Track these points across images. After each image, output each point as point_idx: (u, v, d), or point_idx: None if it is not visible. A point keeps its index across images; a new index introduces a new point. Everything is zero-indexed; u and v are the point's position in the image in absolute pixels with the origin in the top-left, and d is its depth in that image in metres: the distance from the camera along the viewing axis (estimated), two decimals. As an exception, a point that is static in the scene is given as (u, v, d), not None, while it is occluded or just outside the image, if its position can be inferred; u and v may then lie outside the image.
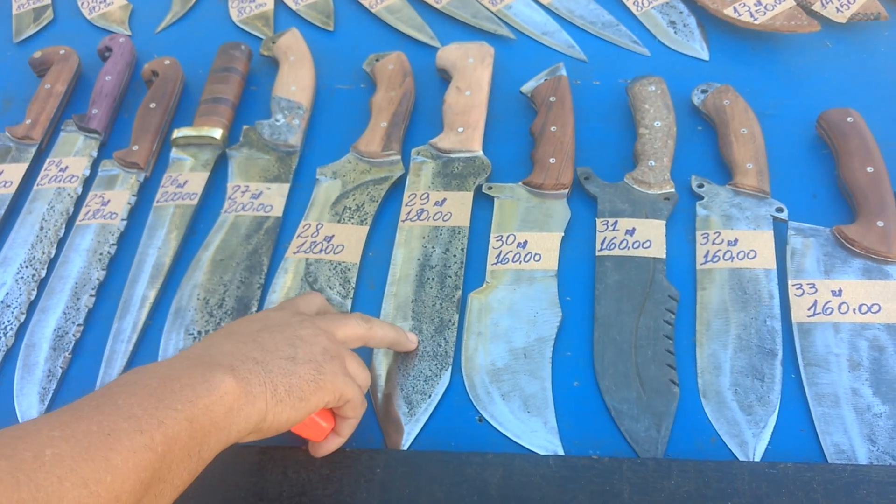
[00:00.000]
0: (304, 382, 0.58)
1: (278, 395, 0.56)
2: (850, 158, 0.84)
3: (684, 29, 1.04)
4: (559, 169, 0.86)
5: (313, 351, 0.60)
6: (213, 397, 0.53)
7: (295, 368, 0.58)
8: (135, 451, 0.48)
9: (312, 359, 0.60)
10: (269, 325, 0.62)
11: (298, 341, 0.60)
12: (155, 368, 0.54)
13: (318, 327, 0.63)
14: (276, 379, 0.57)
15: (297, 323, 0.63)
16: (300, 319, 0.63)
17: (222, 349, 0.58)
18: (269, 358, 0.58)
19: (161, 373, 0.53)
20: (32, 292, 0.85)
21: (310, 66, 1.02)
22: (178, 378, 0.53)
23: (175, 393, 0.51)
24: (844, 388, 0.70)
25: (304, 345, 0.60)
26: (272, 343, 0.59)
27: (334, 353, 0.62)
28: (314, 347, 0.61)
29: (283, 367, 0.58)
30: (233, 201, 0.89)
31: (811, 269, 0.78)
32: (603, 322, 0.77)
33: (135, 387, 0.51)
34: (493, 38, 1.06)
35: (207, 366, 0.55)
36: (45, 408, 0.76)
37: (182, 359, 0.56)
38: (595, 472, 0.65)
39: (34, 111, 1.00)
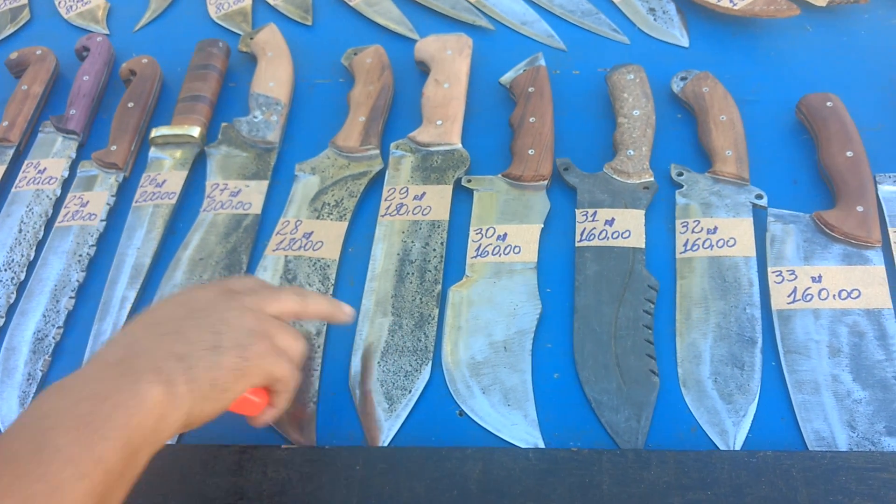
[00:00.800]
0: (228, 372, 0.57)
1: (202, 391, 0.55)
2: (830, 143, 0.84)
3: (664, 16, 1.04)
4: (538, 160, 0.86)
5: (238, 335, 0.58)
6: (144, 412, 0.51)
7: (219, 359, 0.56)
8: (78, 499, 0.47)
9: (237, 343, 0.58)
10: (194, 309, 0.60)
11: (223, 326, 0.58)
12: (82, 385, 0.52)
13: (245, 306, 0.61)
14: (200, 374, 0.55)
15: (223, 304, 0.61)
16: (227, 299, 0.61)
17: (144, 345, 0.56)
18: (192, 350, 0.56)
19: (90, 391, 0.51)
20: (11, 296, 0.84)
21: (288, 61, 1.02)
22: (107, 397, 0.51)
23: (108, 417, 0.50)
24: (824, 375, 0.70)
25: (229, 329, 0.58)
26: (195, 332, 0.57)
27: (261, 332, 0.60)
28: (239, 331, 0.59)
29: (206, 359, 0.56)
30: (212, 199, 0.89)
31: (791, 256, 0.78)
32: (583, 313, 0.76)
33: (67, 416, 0.49)
34: (471, 29, 1.05)
35: (134, 375, 0.53)
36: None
37: (105, 365, 0.54)
38: (575, 464, 0.65)
39: (11, 113, 0.99)
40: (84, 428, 0.49)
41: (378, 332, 0.77)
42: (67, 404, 0.50)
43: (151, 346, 0.56)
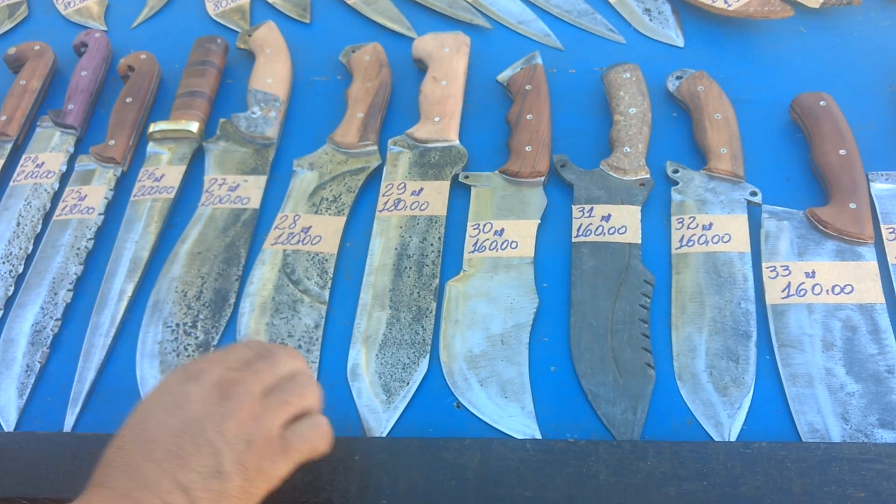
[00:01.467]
0: (234, 499, 0.54)
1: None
2: (823, 142, 0.85)
3: (659, 16, 1.05)
4: (535, 157, 0.86)
5: (239, 451, 0.55)
6: None
7: (223, 487, 0.53)
8: None
9: (239, 462, 0.55)
10: (188, 419, 0.55)
11: (221, 443, 0.54)
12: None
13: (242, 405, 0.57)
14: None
15: (216, 413, 0.56)
16: (221, 400, 0.57)
17: (146, 475, 0.53)
18: (195, 480, 0.53)
19: None
20: (10, 288, 0.84)
21: (286, 58, 1.02)
22: None
23: None
24: (818, 368, 0.71)
25: (228, 447, 0.55)
26: (194, 455, 0.54)
27: (263, 439, 0.56)
28: (239, 444, 0.55)
29: (210, 488, 0.53)
30: (210, 194, 0.89)
31: (785, 252, 0.79)
32: (579, 307, 0.77)
33: None
34: (469, 27, 1.06)
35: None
36: (23, 403, 0.76)
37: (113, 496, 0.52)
38: (572, 454, 0.66)
39: (9, 107, 0.99)
40: None
41: (376, 326, 0.78)
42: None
43: (153, 475, 0.53)
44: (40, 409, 0.77)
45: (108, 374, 0.78)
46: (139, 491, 0.52)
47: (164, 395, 0.58)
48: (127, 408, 0.74)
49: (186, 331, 0.79)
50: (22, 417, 0.76)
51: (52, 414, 0.76)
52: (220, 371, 0.59)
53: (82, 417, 0.76)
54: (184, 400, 0.57)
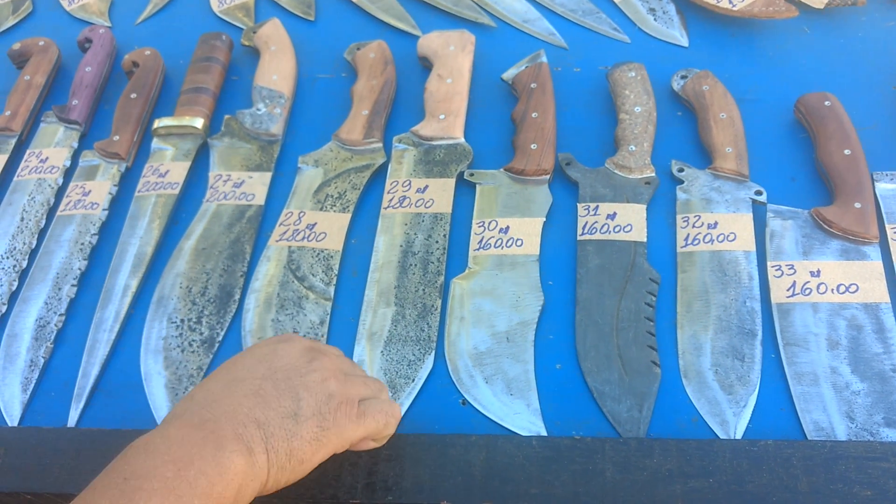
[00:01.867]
0: (305, 443, 0.56)
1: (279, 461, 0.55)
2: (828, 141, 0.85)
3: (664, 16, 1.05)
4: (541, 155, 0.86)
5: (318, 401, 0.58)
6: (225, 482, 0.52)
7: (297, 429, 0.56)
8: None
9: (317, 411, 0.57)
10: (275, 367, 0.59)
11: (303, 391, 0.58)
12: (166, 447, 0.52)
13: (327, 367, 0.60)
14: (278, 444, 0.55)
15: (304, 367, 0.60)
16: (308, 360, 0.60)
17: (225, 408, 0.55)
18: (271, 417, 0.55)
19: (174, 454, 0.51)
20: (14, 283, 0.84)
21: (291, 55, 1.02)
22: (190, 463, 0.51)
23: (191, 485, 0.50)
24: (823, 367, 0.71)
25: (309, 395, 0.58)
26: (275, 397, 0.57)
27: (343, 396, 0.59)
28: (320, 396, 0.58)
29: (284, 427, 0.55)
30: (215, 190, 0.89)
31: (790, 251, 0.79)
32: (585, 305, 0.77)
33: (152, 480, 0.50)
34: (473, 25, 1.06)
35: (216, 442, 0.53)
36: (27, 398, 0.76)
37: (188, 427, 0.54)
38: (578, 451, 0.66)
39: (14, 102, 0.99)
40: (168, 494, 0.49)
41: (381, 322, 0.78)
42: (152, 466, 0.51)
43: (232, 408, 0.55)
44: (44, 404, 0.77)
45: (112, 369, 0.78)
46: (215, 422, 0.54)
47: (254, 350, 0.62)
48: (131, 403, 0.75)
49: (191, 327, 0.79)
50: (26, 412, 0.76)
51: (55, 409, 0.76)
52: (310, 342, 0.64)
53: (86, 413, 0.76)
54: (273, 354, 0.60)
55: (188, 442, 0.52)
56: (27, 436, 0.71)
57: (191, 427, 0.54)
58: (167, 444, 0.52)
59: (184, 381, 0.75)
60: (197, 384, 0.59)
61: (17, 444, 0.71)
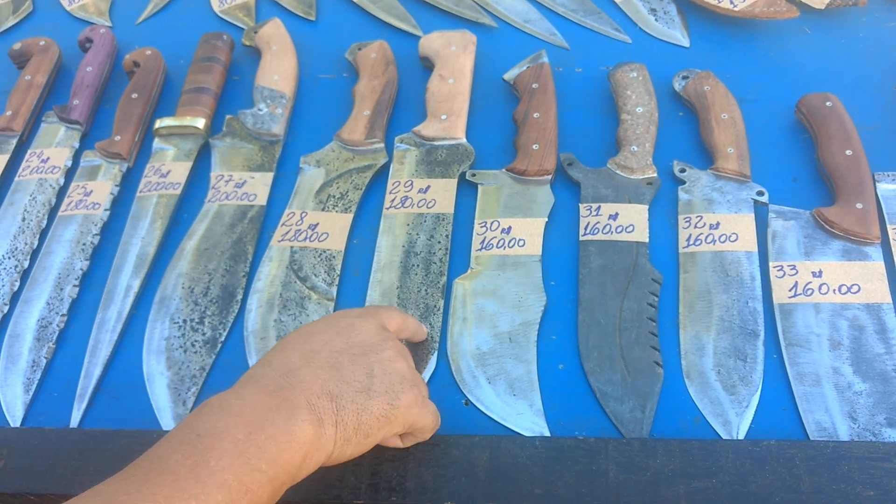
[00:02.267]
0: (374, 419, 0.57)
1: (347, 434, 0.56)
2: (830, 142, 0.85)
3: (665, 16, 1.05)
4: (542, 155, 0.87)
5: (391, 380, 0.59)
6: (293, 450, 0.53)
7: (368, 404, 0.57)
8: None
9: (389, 388, 0.59)
10: (352, 342, 0.60)
11: (377, 367, 0.59)
12: (240, 409, 0.53)
13: (399, 350, 0.62)
14: (348, 417, 0.56)
15: (379, 344, 0.61)
16: (383, 338, 0.62)
17: (301, 377, 0.57)
18: (345, 390, 0.57)
19: (247, 417, 0.52)
20: (15, 283, 0.84)
21: (292, 55, 1.02)
22: (262, 427, 0.52)
23: (260, 448, 0.51)
24: (825, 367, 0.71)
25: (383, 373, 0.59)
26: (350, 371, 0.58)
27: (412, 379, 0.61)
28: (393, 375, 0.60)
29: (356, 401, 0.57)
30: (216, 190, 0.89)
31: (792, 251, 0.79)
32: (587, 306, 0.77)
33: (224, 439, 0.51)
34: (475, 26, 1.06)
35: (289, 410, 0.54)
36: (29, 398, 0.76)
37: (264, 392, 0.55)
38: (581, 452, 0.66)
39: (15, 102, 0.99)
40: (239, 456, 0.50)
41: (384, 323, 0.78)
42: (225, 426, 0.52)
43: (307, 378, 0.57)
44: (46, 404, 0.77)
45: (115, 369, 0.78)
46: (290, 389, 0.55)
47: (332, 322, 0.63)
48: (134, 403, 0.75)
49: (193, 327, 0.79)
50: (28, 413, 0.76)
51: (58, 409, 0.76)
52: (379, 318, 0.65)
53: (89, 413, 0.76)
54: (350, 328, 0.62)
55: (262, 406, 0.54)
56: (30, 436, 0.71)
57: (266, 392, 0.55)
58: (242, 405, 0.54)
59: (186, 381, 0.75)
60: (273, 349, 0.60)
61: (19, 444, 0.71)
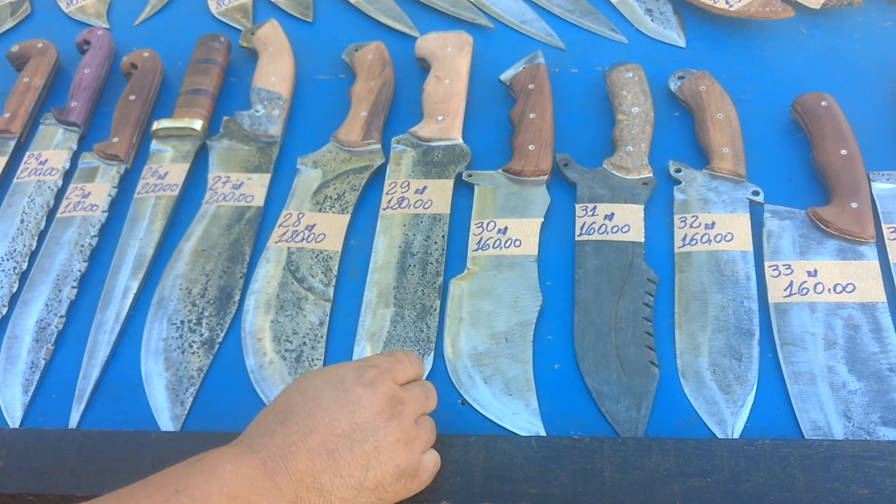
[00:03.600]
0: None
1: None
2: (825, 142, 0.85)
3: (661, 16, 1.05)
4: (538, 155, 0.87)
5: (384, 474, 0.59)
6: None
7: (356, 499, 0.57)
8: None
9: (380, 484, 0.58)
10: (355, 427, 0.58)
11: (374, 461, 0.58)
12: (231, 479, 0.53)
13: (403, 430, 0.60)
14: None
15: (383, 428, 0.59)
16: (387, 419, 0.60)
17: (298, 466, 0.56)
18: (337, 485, 0.57)
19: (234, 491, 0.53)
20: (14, 285, 0.84)
21: (289, 56, 1.02)
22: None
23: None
24: (820, 366, 0.72)
25: (379, 466, 0.58)
26: (347, 462, 0.57)
27: (407, 467, 0.60)
28: (387, 468, 0.59)
29: (344, 498, 0.57)
30: (214, 192, 0.90)
31: (787, 251, 0.79)
32: (583, 306, 0.77)
33: None
34: (471, 26, 1.06)
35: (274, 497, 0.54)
36: (28, 399, 0.76)
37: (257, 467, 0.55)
38: (576, 451, 0.66)
39: (13, 105, 0.99)
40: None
41: (380, 323, 0.78)
42: (208, 491, 0.52)
43: (303, 466, 0.56)
44: (45, 405, 0.77)
45: (113, 370, 0.78)
46: (283, 477, 0.55)
47: (339, 390, 0.60)
48: (132, 404, 0.76)
49: (191, 328, 0.79)
50: (27, 414, 0.76)
51: (57, 411, 0.76)
52: (390, 385, 0.62)
53: (87, 414, 0.76)
54: (356, 404, 0.59)
55: (251, 486, 0.54)
56: (29, 437, 0.72)
57: (260, 471, 0.55)
58: (233, 476, 0.54)
59: (184, 382, 0.76)
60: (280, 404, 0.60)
61: (18, 445, 0.71)
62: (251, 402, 0.75)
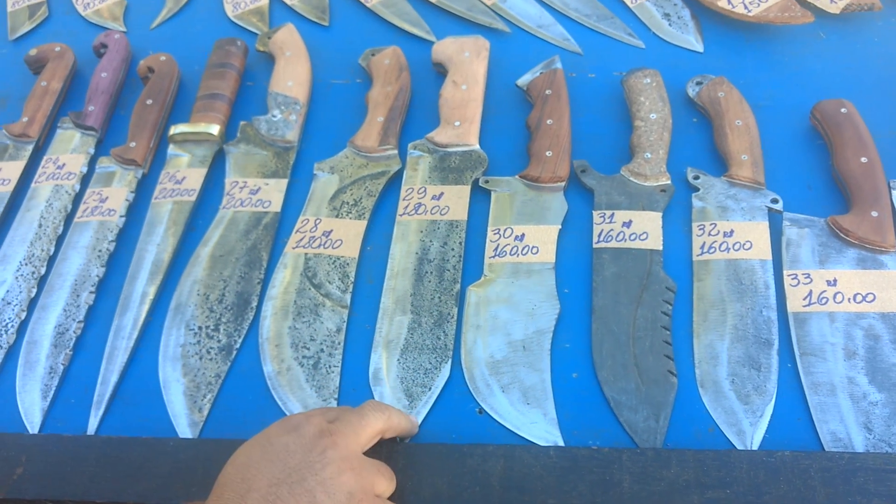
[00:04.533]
0: None
1: None
2: (845, 149, 0.85)
3: (679, 21, 1.05)
4: (556, 162, 0.87)
5: (337, 500, 0.56)
6: None
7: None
8: None
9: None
10: (289, 469, 0.57)
11: (320, 493, 0.56)
12: None
13: (342, 456, 0.59)
14: None
15: (318, 461, 0.58)
16: (321, 451, 0.58)
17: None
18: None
19: None
20: (32, 290, 0.85)
21: (306, 61, 1.02)
22: None
23: None
24: (840, 377, 0.71)
25: (326, 496, 0.56)
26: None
27: (361, 493, 0.58)
28: (337, 496, 0.57)
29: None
30: (231, 197, 0.90)
31: (806, 260, 0.79)
32: (601, 314, 0.77)
33: None
34: (488, 31, 1.06)
35: None
36: (47, 405, 0.77)
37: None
38: (595, 462, 0.66)
39: (31, 108, 1.00)
40: None
41: (398, 330, 0.78)
42: None
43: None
44: (64, 411, 0.77)
45: (131, 376, 0.79)
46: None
47: (265, 445, 0.59)
48: (150, 410, 0.76)
49: (209, 334, 0.79)
50: (46, 419, 0.76)
51: (75, 416, 0.76)
52: (317, 422, 0.61)
53: (105, 420, 0.76)
54: (283, 451, 0.58)
55: None
56: (48, 443, 0.72)
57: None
58: None
59: (202, 388, 0.76)
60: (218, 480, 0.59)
61: (38, 451, 0.71)
62: (269, 408, 0.75)
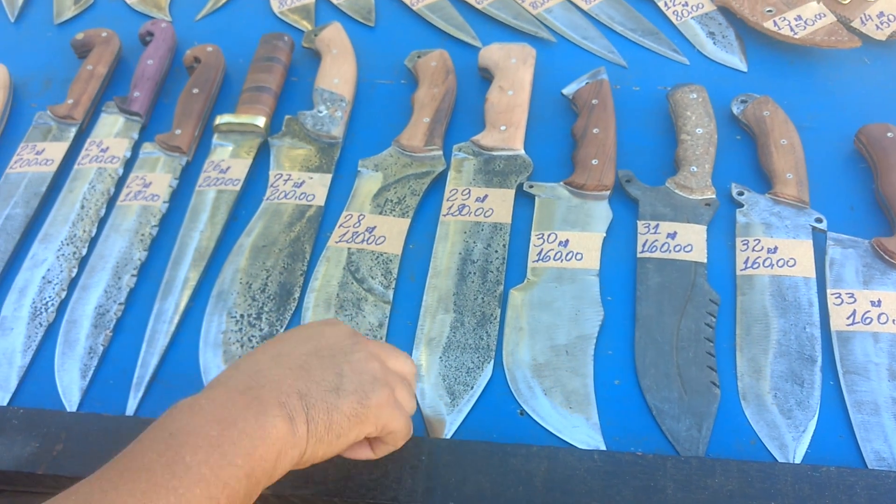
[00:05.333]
0: (345, 418, 0.56)
1: (318, 433, 0.55)
2: (890, 172, 0.85)
3: (723, 40, 1.05)
4: (601, 170, 0.87)
5: (362, 380, 0.58)
6: (267, 445, 0.52)
7: (338, 402, 0.56)
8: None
9: (359, 388, 0.58)
10: (320, 346, 0.60)
11: (347, 368, 0.58)
12: (211, 408, 0.53)
13: (371, 352, 0.61)
14: (318, 416, 0.55)
15: (349, 347, 0.60)
16: (353, 342, 0.61)
17: (269, 377, 0.56)
18: (313, 389, 0.56)
19: (218, 414, 0.52)
20: (73, 269, 0.85)
21: (352, 59, 1.03)
22: (234, 423, 0.52)
23: (234, 444, 0.51)
24: (884, 397, 0.71)
25: (353, 373, 0.58)
26: (319, 371, 0.57)
27: (383, 380, 0.60)
28: (363, 375, 0.59)
29: (325, 400, 0.56)
30: (275, 189, 0.90)
31: (850, 279, 0.79)
32: (644, 322, 0.77)
33: (197, 437, 0.51)
34: (533, 39, 1.07)
35: (259, 407, 0.53)
36: (86, 384, 0.76)
37: (233, 392, 0.54)
38: (639, 468, 0.66)
39: (76, 91, 1.00)
40: (213, 450, 0.50)
41: (440, 328, 0.78)
42: (198, 424, 0.51)
43: (276, 378, 0.56)
44: (102, 391, 0.77)
45: (171, 360, 0.79)
46: (259, 389, 0.55)
47: (300, 331, 0.63)
48: (189, 395, 0.75)
49: (251, 322, 0.79)
50: (84, 399, 0.76)
51: (113, 397, 0.76)
52: (353, 329, 0.64)
53: (144, 402, 0.76)
54: (319, 334, 0.61)
55: (233, 405, 0.53)
56: (88, 422, 0.72)
57: (236, 392, 0.55)
58: (212, 405, 0.53)
59: (241, 376, 0.76)
60: (241, 357, 0.60)
61: (78, 428, 0.71)
62: (309, 399, 0.75)
